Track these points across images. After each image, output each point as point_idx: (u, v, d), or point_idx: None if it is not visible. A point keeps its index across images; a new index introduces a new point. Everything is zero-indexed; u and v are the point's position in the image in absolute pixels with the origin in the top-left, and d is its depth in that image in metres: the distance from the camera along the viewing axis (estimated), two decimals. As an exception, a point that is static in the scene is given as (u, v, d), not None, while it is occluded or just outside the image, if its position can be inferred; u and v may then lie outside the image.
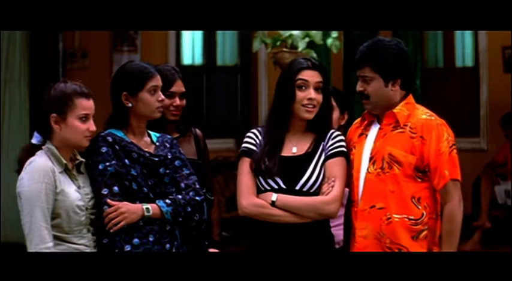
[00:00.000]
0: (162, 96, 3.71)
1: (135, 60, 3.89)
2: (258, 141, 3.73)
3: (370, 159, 3.65)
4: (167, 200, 3.61)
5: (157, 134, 3.81)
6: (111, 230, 3.51)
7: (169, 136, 3.84)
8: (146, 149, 3.69)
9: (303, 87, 3.69)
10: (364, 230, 3.63)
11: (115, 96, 3.70)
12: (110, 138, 3.63)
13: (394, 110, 3.64)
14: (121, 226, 3.51)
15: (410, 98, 3.70)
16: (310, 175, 3.69)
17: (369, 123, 3.75)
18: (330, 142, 3.73)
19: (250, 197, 3.67)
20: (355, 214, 3.68)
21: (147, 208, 3.56)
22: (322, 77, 3.72)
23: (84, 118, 3.50)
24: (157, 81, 3.71)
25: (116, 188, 3.57)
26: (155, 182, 3.65)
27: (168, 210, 3.59)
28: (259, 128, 3.80)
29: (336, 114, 4.27)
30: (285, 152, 3.71)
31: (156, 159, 3.68)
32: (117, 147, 3.62)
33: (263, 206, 3.64)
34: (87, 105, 3.51)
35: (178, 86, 4.08)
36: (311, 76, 3.70)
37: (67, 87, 3.51)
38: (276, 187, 3.66)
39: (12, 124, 7.38)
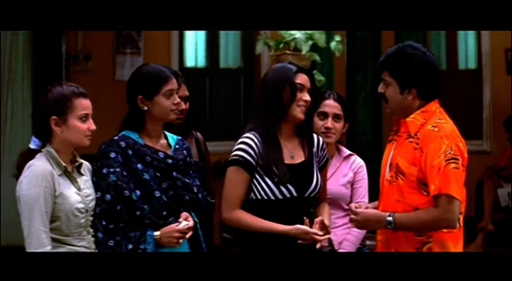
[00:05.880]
0: (178, 99, 3.72)
1: (151, 64, 3.84)
2: (257, 149, 3.68)
3: (389, 166, 3.63)
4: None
5: (176, 137, 3.83)
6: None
7: (187, 143, 3.87)
8: (162, 150, 3.70)
9: (301, 90, 3.72)
10: (380, 235, 3.67)
11: (131, 99, 3.71)
12: (123, 144, 3.64)
13: (407, 119, 3.58)
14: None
15: (430, 106, 3.59)
16: (316, 182, 3.74)
17: (398, 130, 3.69)
18: (321, 150, 3.83)
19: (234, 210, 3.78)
20: None
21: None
22: (311, 81, 3.78)
23: (84, 118, 3.51)
24: (173, 84, 3.71)
25: (108, 196, 3.57)
26: (169, 185, 3.67)
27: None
28: (254, 134, 3.72)
29: (341, 124, 4.29)
30: (286, 160, 3.72)
31: (170, 161, 3.69)
32: (129, 152, 3.63)
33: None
34: (85, 105, 3.53)
35: (183, 91, 4.10)
36: (306, 80, 3.75)
37: (64, 89, 3.52)
38: (288, 195, 3.67)
39: (14, 127, 7.39)
